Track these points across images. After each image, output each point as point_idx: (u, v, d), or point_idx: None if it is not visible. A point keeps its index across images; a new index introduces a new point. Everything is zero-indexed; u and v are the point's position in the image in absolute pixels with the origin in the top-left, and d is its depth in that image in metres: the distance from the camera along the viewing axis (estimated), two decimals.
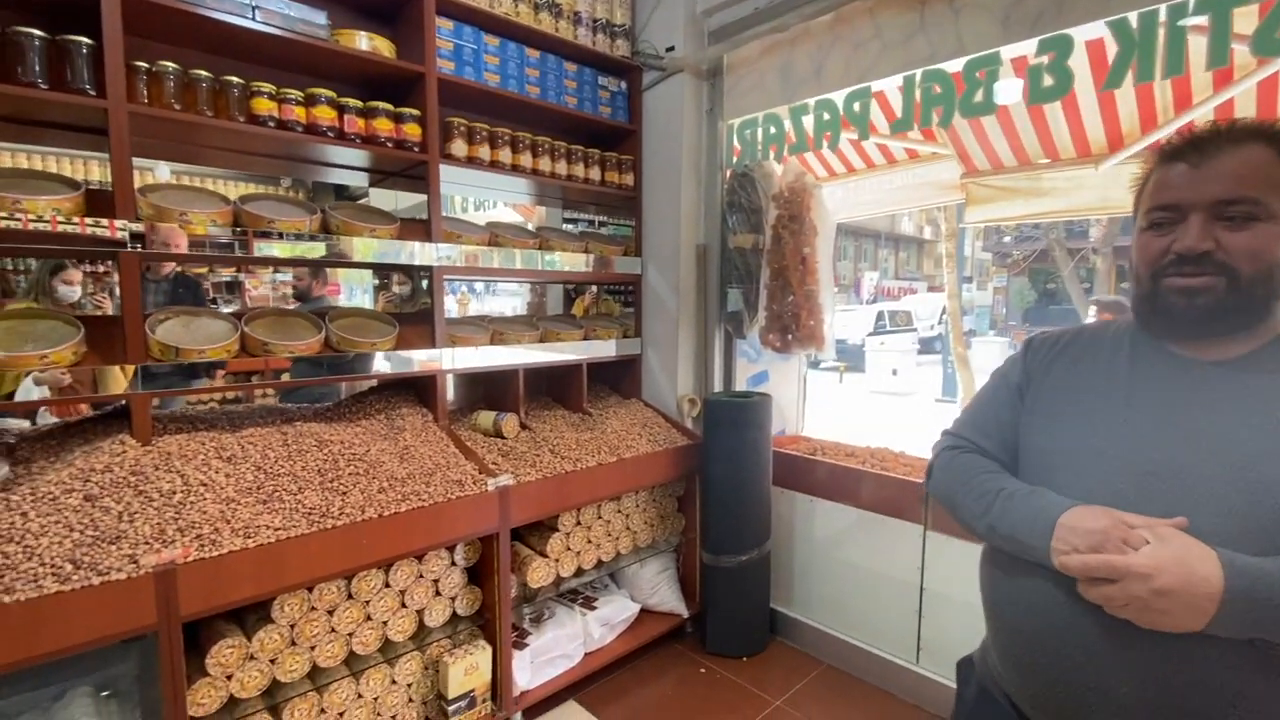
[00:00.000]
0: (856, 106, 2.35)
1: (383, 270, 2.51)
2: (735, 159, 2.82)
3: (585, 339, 2.77)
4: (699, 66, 2.77)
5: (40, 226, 1.55)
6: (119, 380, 1.68)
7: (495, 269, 2.45)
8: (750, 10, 2.55)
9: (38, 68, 1.56)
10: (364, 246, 2.08)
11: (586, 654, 2.41)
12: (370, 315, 2.27)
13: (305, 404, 2.38)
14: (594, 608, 2.49)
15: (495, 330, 2.50)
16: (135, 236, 1.67)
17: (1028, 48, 1.96)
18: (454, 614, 2.06)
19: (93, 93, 1.62)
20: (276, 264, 2.41)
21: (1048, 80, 1.88)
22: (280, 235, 1.94)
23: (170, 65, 1.73)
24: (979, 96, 2.07)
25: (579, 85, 2.69)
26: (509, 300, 6.68)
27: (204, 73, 1.78)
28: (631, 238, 3.01)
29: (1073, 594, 0.83)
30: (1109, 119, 2.82)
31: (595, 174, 2.77)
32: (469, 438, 2.33)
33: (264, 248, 1.90)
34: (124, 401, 1.73)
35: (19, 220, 1.54)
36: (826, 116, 2.44)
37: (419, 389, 2.41)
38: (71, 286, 3.07)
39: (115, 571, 1.36)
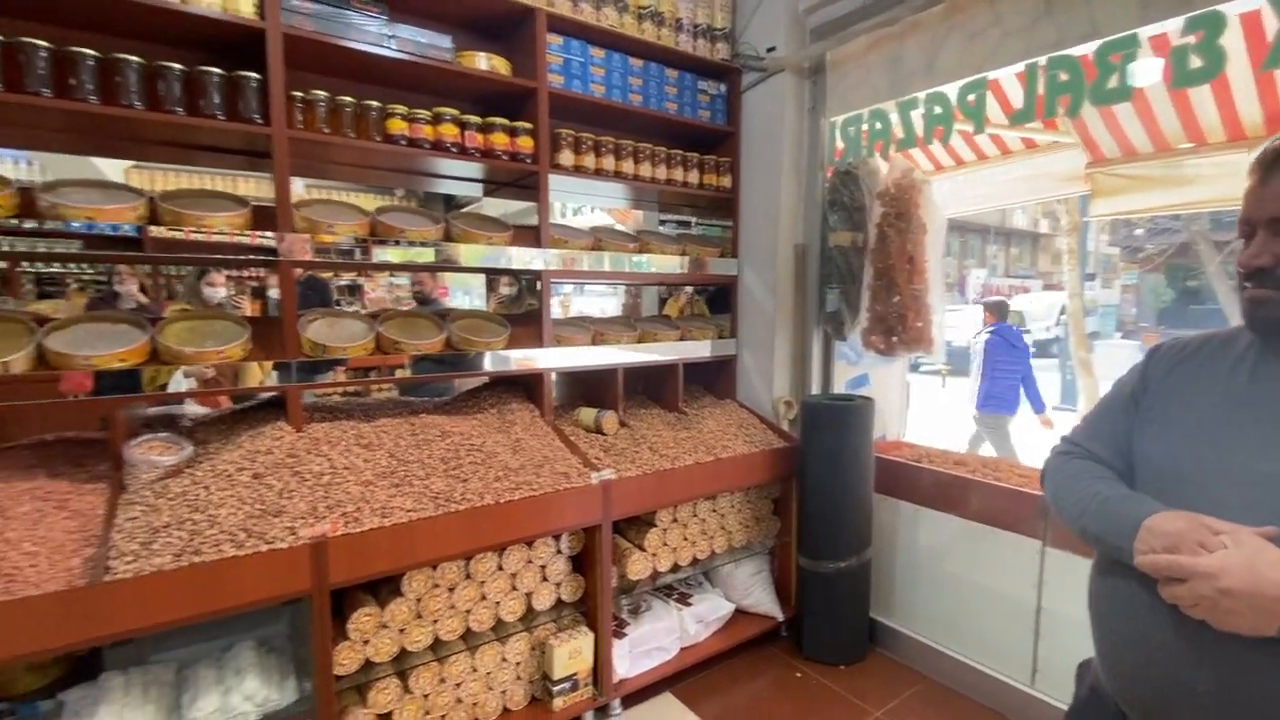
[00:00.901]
0: (971, 98, 2.24)
1: (493, 274, 2.67)
2: (838, 157, 2.77)
3: (681, 339, 2.82)
4: (800, 65, 2.74)
5: (218, 238, 1.79)
6: (255, 374, 1.90)
7: (598, 272, 2.55)
8: (855, 5, 2.50)
9: (218, 100, 1.81)
10: (470, 252, 2.23)
11: (682, 649, 2.46)
12: (485, 316, 2.43)
13: (425, 398, 2.59)
14: (689, 604, 2.53)
15: (596, 331, 2.60)
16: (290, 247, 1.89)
17: (1169, 25, 1.80)
18: (559, 599, 2.17)
19: (260, 121, 1.85)
20: (407, 269, 2.64)
21: (1195, 62, 1.72)
22: (397, 243, 2.12)
23: (321, 94, 1.94)
24: (1113, 82, 1.92)
25: (679, 90, 2.74)
26: (600, 301, 6.87)
27: (348, 99, 1.99)
28: (727, 239, 3.02)
29: (1155, 594, 0.86)
30: (1268, 96, 2.52)
31: (693, 177, 2.81)
32: (572, 432, 2.44)
33: (380, 254, 2.08)
34: (275, 393, 1.97)
35: (203, 233, 1.79)
36: (938, 110, 2.35)
37: (526, 386, 2.54)
38: (215, 289, 3.51)
39: (279, 541, 1.56)
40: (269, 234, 1.85)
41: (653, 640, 2.36)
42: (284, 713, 1.65)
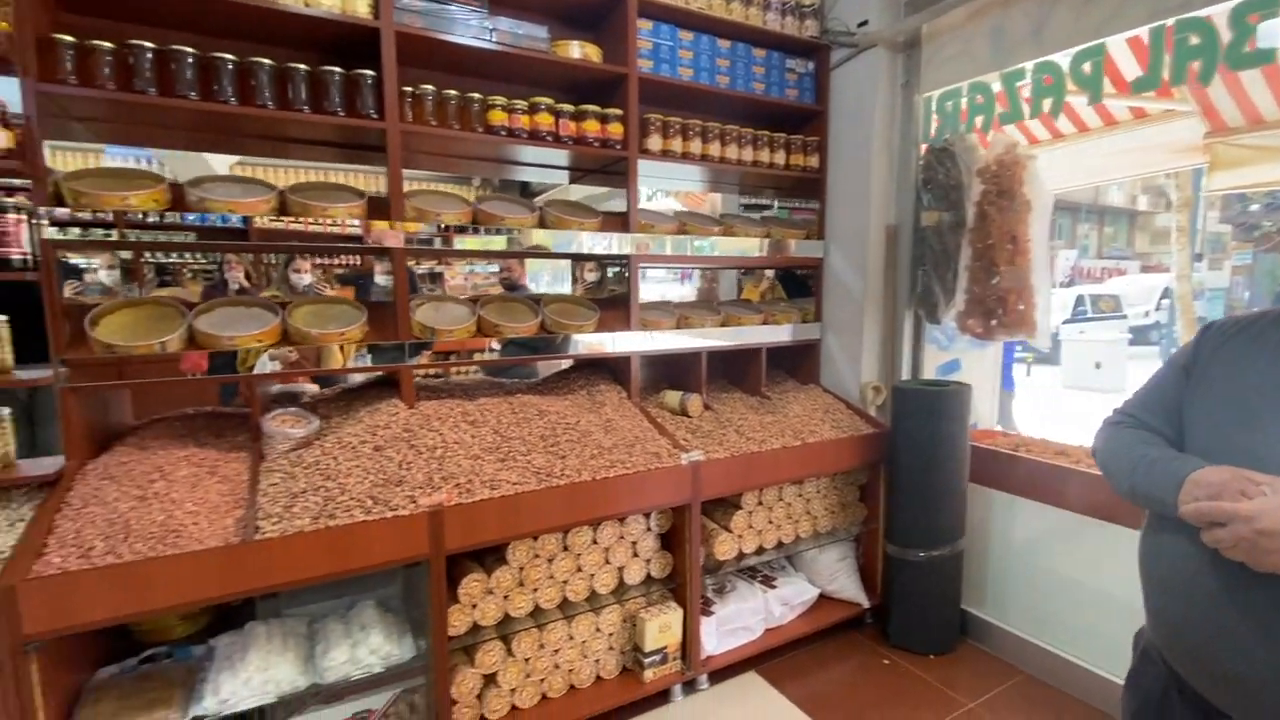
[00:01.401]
0: (1087, 67, 2.11)
1: (579, 260, 2.74)
2: (933, 133, 2.67)
3: (764, 323, 2.81)
4: (894, 39, 2.65)
5: (338, 229, 1.92)
6: (338, 357, 2.02)
7: (684, 256, 2.57)
8: None
9: (338, 98, 1.93)
10: (562, 238, 2.29)
11: (766, 629, 2.48)
12: (574, 300, 2.50)
13: (516, 379, 2.70)
14: (774, 586, 2.54)
15: (681, 315, 2.63)
16: (407, 236, 2.00)
17: None
18: (648, 575, 2.24)
19: (375, 116, 1.96)
20: (505, 256, 2.75)
21: None
22: (498, 231, 2.20)
23: (429, 88, 2.04)
24: (1251, 44, 1.77)
25: (766, 70, 2.70)
26: (666, 287, 6.89)
27: (453, 92, 2.08)
28: (812, 221, 2.98)
29: (1199, 545, 0.92)
30: None
31: (779, 158, 2.77)
32: (657, 414, 2.49)
33: (460, 242, 2.17)
34: (388, 372, 2.10)
35: (321, 224, 1.92)
36: (1048, 80, 2.22)
37: (613, 368, 2.61)
38: (301, 275, 3.71)
39: (401, 509, 1.68)
40: (392, 223, 1.97)
41: (738, 620, 2.39)
42: (404, 667, 1.78)
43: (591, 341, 2.36)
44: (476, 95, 2.12)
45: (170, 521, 1.51)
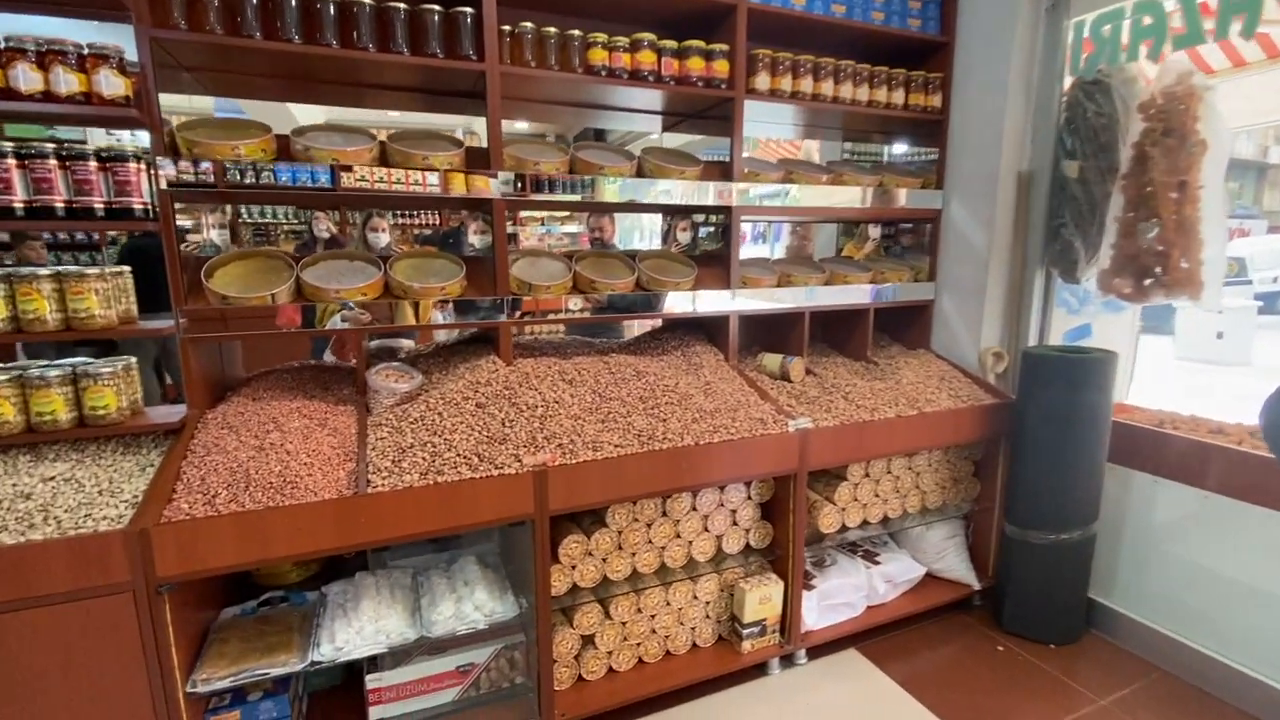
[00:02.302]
0: None
1: (675, 213, 2.59)
2: (1083, 64, 2.33)
3: (872, 282, 2.59)
4: None
5: (432, 184, 1.85)
6: (411, 313, 1.96)
7: (791, 208, 2.38)
8: None
9: (435, 40, 1.83)
10: (662, 189, 2.14)
11: (868, 606, 2.35)
12: (670, 257, 2.37)
13: (607, 339, 2.61)
14: (877, 562, 2.40)
15: (782, 272, 2.45)
16: (505, 185, 1.92)
17: None
18: (747, 545, 2.14)
19: (474, 58, 1.86)
20: (602, 209, 2.64)
21: None
22: (585, 184, 2.07)
23: (529, 25, 1.91)
24: None
25: None
26: (754, 248, 6.61)
27: (553, 30, 1.94)
28: (930, 169, 2.70)
29: None
30: None
31: (898, 97, 2.50)
32: (756, 378, 2.35)
33: (556, 194, 2.04)
34: (489, 329, 2.04)
35: (419, 180, 1.85)
36: None
37: (709, 328, 2.48)
38: (378, 234, 3.65)
39: (506, 467, 1.63)
40: (485, 174, 1.88)
41: (839, 595, 2.27)
42: (506, 624, 1.77)
43: (689, 300, 2.23)
44: (576, 32, 1.98)
45: (287, 472, 1.52)
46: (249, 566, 1.48)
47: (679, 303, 2.22)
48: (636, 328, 3.20)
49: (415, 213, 7.23)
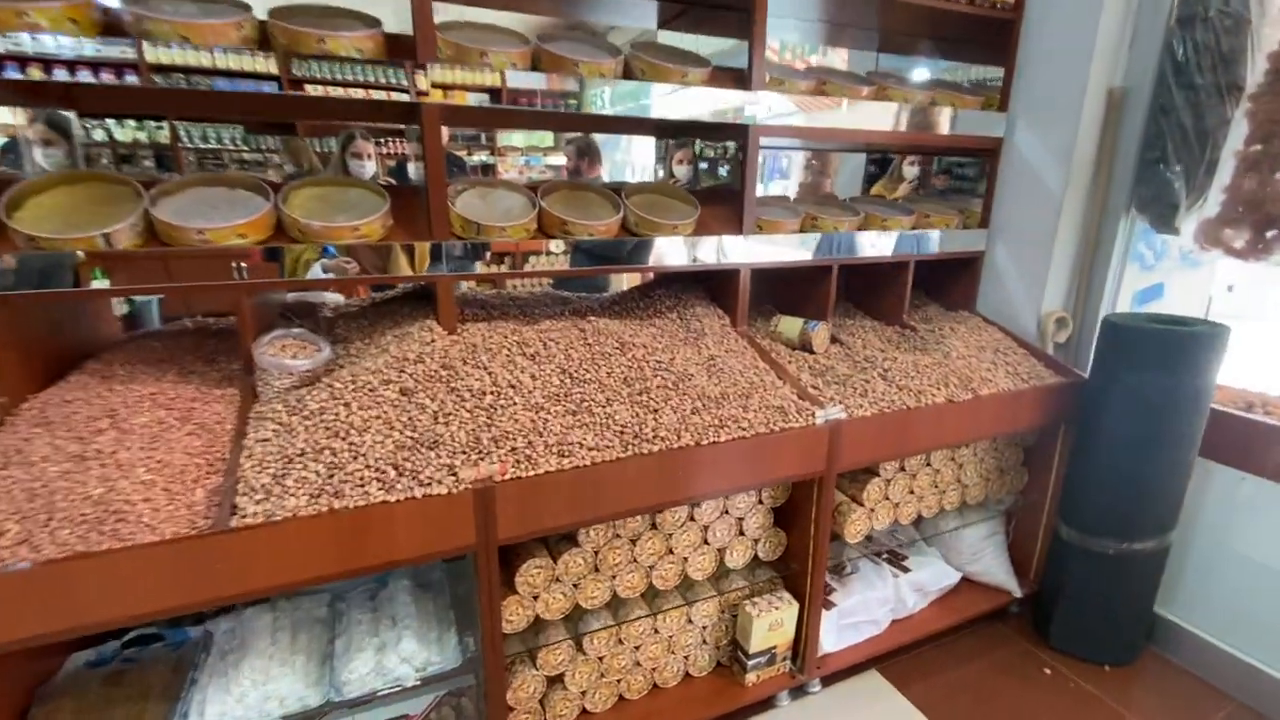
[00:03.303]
0: None
1: (673, 135, 2.06)
2: None
3: (915, 228, 2.10)
4: None
5: (343, 74, 1.31)
6: (400, 261, 1.47)
7: (824, 129, 1.85)
8: None
9: None
10: (659, 98, 1.61)
11: (893, 620, 1.98)
12: (666, 191, 1.86)
13: (585, 294, 2.12)
14: (905, 569, 2.01)
15: (807, 214, 1.95)
16: (437, 85, 1.38)
17: None
18: (755, 557, 1.73)
19: None
20: (574, 128, 2.02)
21: None
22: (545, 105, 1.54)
23: None
24: None
25: None
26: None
27: None
28: (992, 88, 2.16)
29: None
30: None
31: None
32: (770, 348, 1.89)
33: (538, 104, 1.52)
34: (423, 283, 1.55)
35: (312, 72, 1.31)
36: None
37: (713, 284, 1.99)
38: (362, 161, 3.03)
39: (436, 484, 1.18)
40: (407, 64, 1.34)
41: (862, 612, 1.89)
42: (446, 676, 1.36)
43: (690, 248, 1.74)
44: None
45: (113, 496, 1.06)
46: (39, 640, 1.03)
47: (676, 251, 1.73)
48: (625, 281, 2.70)
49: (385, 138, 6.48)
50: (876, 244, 2.01)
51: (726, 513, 1.64)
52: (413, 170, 3.76)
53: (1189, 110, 1.84)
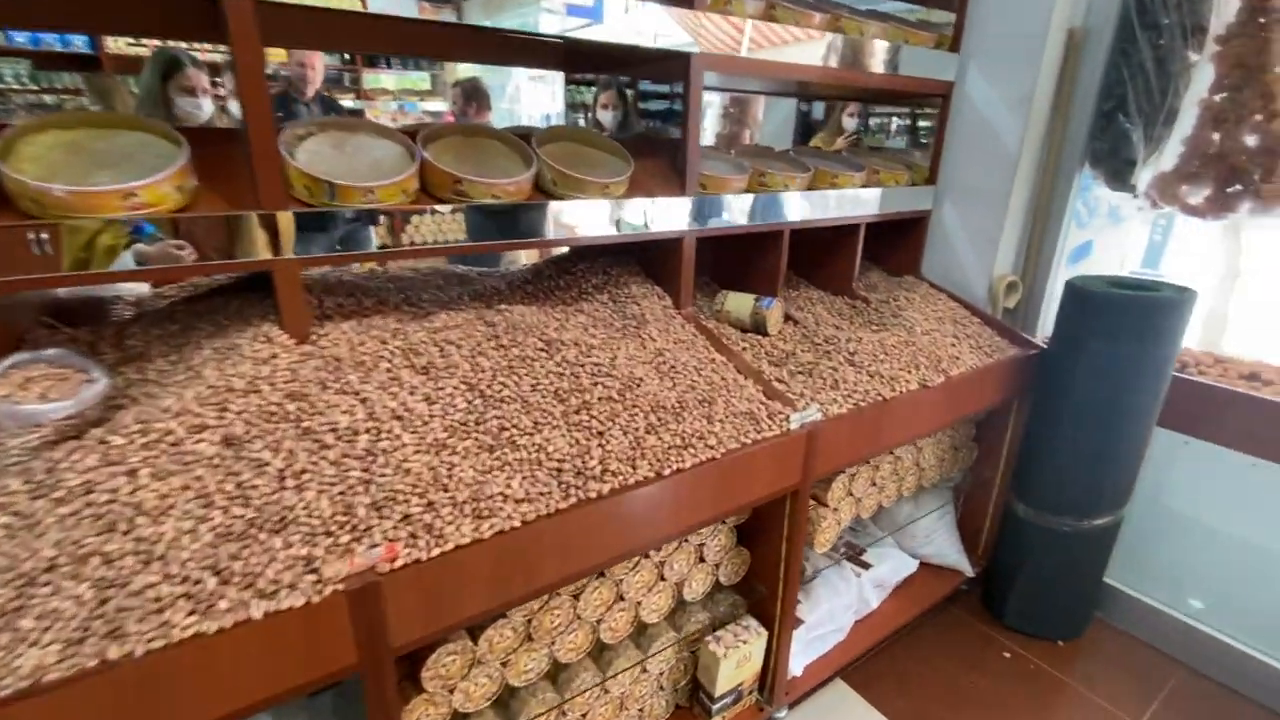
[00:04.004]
0: None
1: (601, 68, 1.66)
2: None
3: (866, 185, 1.85)
4: None
5: None
6: (257, 242, 1.01)
7: (770, 64, 1.53)
8: None
9: None
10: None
11: (856, 621, 1.81)
12: (589, 139, 1.47)
13: (488, 269, 1.71)
14: (866, 564, 1.84)
15: (755, 169, 1.64)
16: None
17: None
18: (716, 582, 1.47)
19: None
20: (447, 51, 1.49)
21: None
22: None
23: None
24: None
25: None
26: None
27: None
28: (942, 25, 1.92)
29: None
30: None
31: None
32: (719, 331, 1.59)
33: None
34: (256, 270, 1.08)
35: None
36: None
37: (647, 256, 1.65)
38: (196, 99, 2.17)
39: (286, 591, 0.77)
40: None
41: (829, 622, 1.70)
42: None
43: (617, 212, 1.37)
44: None
45: None
46: None
47: (606, 218, 1.36)
48: (533, 251, 2.27)
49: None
50: (829, 204, 1.75)
51: (686, 540, 1.35)
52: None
53: (1151, 53, 1.70)
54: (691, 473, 1.11)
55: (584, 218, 1.33)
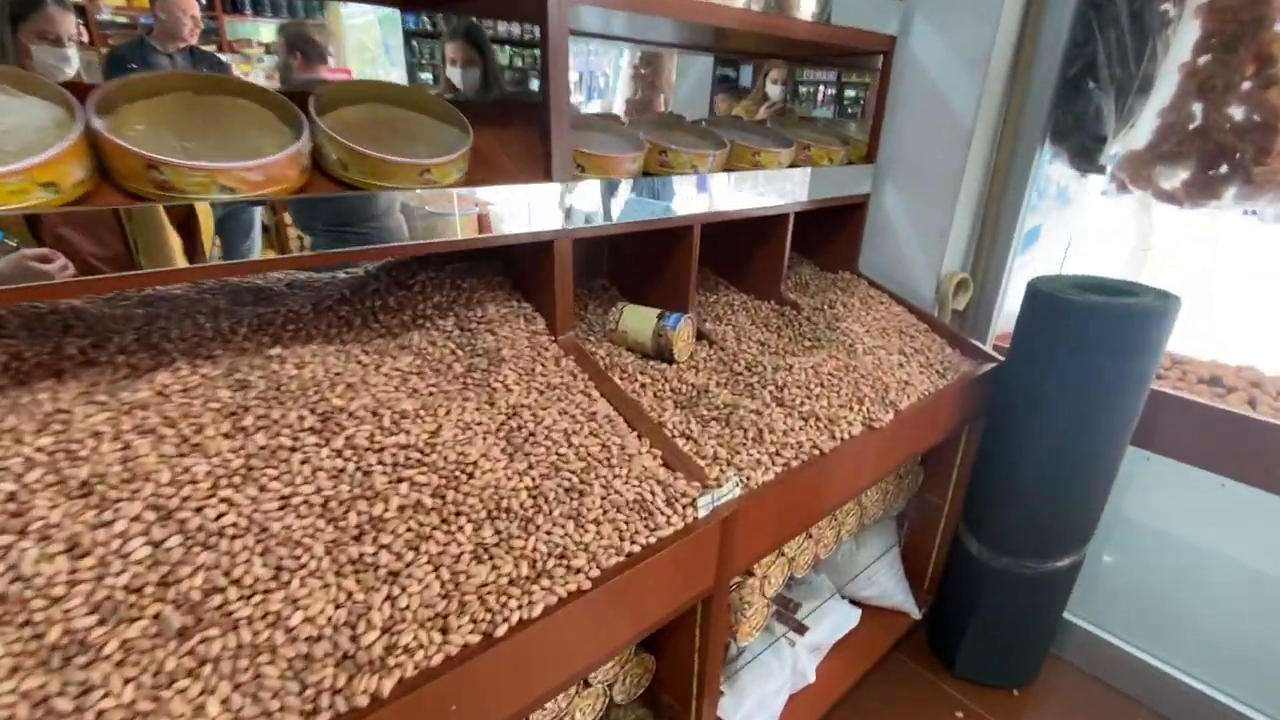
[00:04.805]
0: None
1: (442, 4, 1.20)
2: None
3: (795, 164, 1.49)
4: None
5: None
6: None
7: (680, 2, 1.12)
8: None
9: None
10: None
11: (791, 696, 1.51)
12: (406, 98, 1.02)
13: (304, 278, 1.25)
14: (802, 627, 1.54)
15: (653, 143, 1.24)
16: None
17: None
18: (609, 702, 1.10)
19: None
20: None
21: None
22: None
23: None
24: None
25: None
26: None
27: None
28: None
29: None
30: None
31: None
32: (613, 364, 1.21)
33: None
34: None
35: None
36: None
37: (512, 263, 1.23)
38: (62, 48, 1.75)
39: None
40: None
41: (759, 713, 1.38)
42: None
43: (452, 205, 0.95)
44: None
45: None
46: None
47: (430, 216, 0.93)
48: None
49: None
50: (751, 189, 1.37)
51: None
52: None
53: (1126, 6, 1.40)
54: (545, 622, 0.72)
55: (392, 220, 0.90)
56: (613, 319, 1.28)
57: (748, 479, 0.99)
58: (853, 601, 1.74)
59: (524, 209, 1.03)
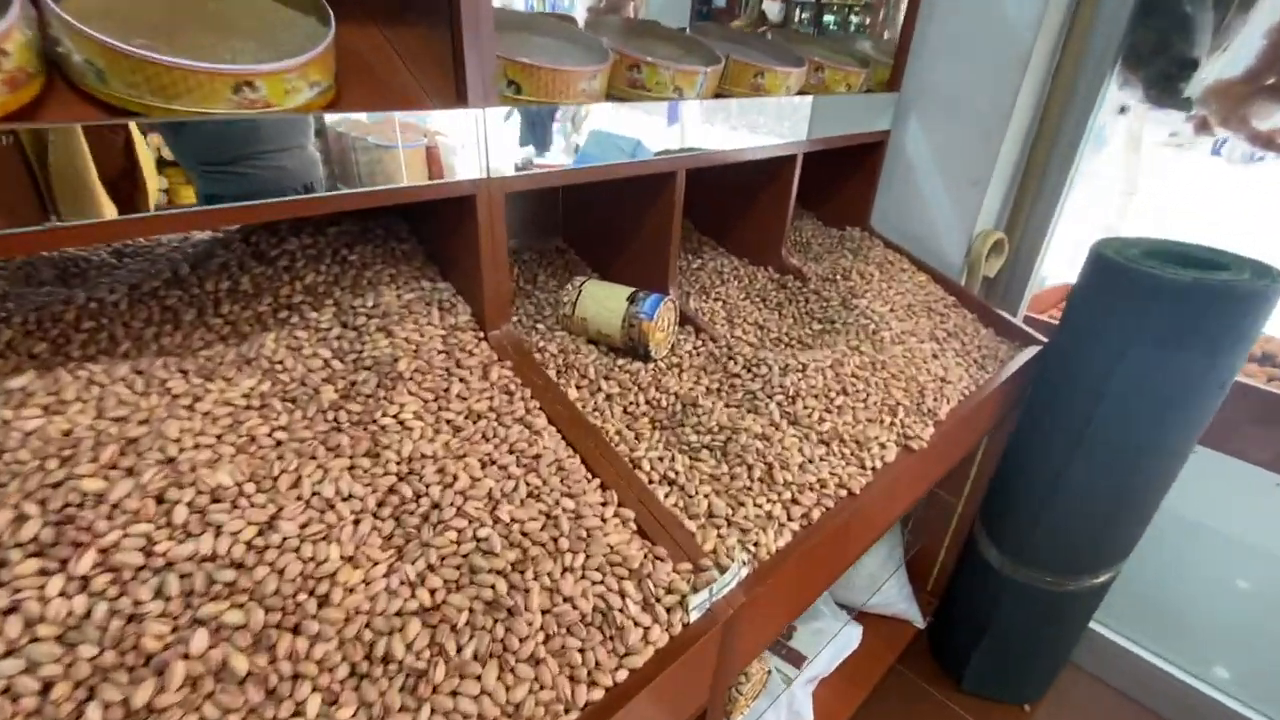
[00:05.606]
0: None
1: None
2: None
3: (804, 91, 1.14)
4: None
5: None
6: None
7: None
8: None
9: None
10: None
11: None
12: None
13: (136, 248, 0.88)
14: (799, 659, 1.30)
15: (621, 54, 0.88)
16: None
17: None
18: None
19: None
20: None
21: None
22: None
23: None
24: None
25: None
26: None
27: None
28: None
29: None
30: None
31: None
32: (567, 365, 0.89)
33: None
34: None
35: None
36: None
37: (422, 223, 0.88)
38: None
39: None
40: None
41: None
42: None
43: (304, 135, 0.60)
44: None
45: None
46: None
47: (266, 160, 0.58)
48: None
49: None
50: (751, 122, 1.03)
51: None
52: None
53: None
54: None
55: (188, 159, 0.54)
56: (568, 301, 0.95)
57: (755, 546, 0.70)
58: (850, 610, 1.52)
59: (425, 147, 0.68)
